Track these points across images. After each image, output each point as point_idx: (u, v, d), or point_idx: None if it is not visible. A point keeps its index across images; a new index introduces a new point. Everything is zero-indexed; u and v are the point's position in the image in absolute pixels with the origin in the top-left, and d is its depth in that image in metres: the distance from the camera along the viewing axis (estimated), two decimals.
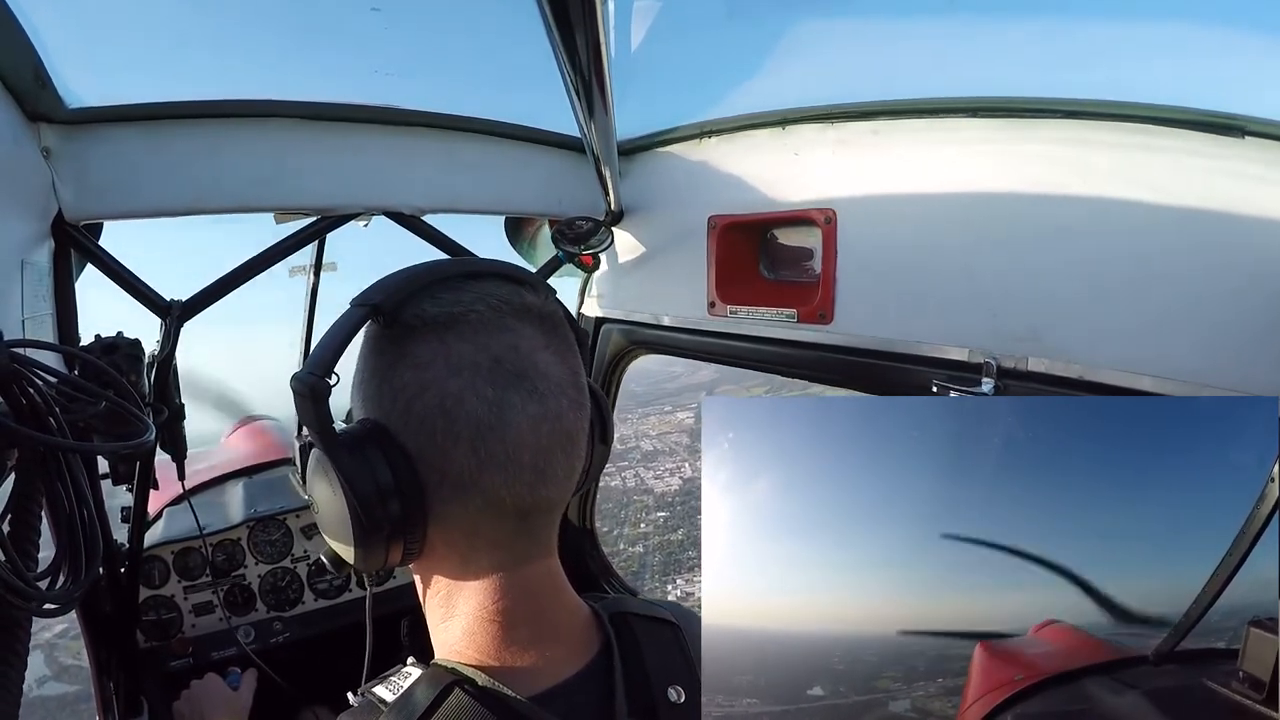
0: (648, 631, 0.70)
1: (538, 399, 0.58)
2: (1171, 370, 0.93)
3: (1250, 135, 0.86)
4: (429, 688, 0.59)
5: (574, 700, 0.62)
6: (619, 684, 0.64)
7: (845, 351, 1.32)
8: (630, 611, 0.71)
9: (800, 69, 1.38)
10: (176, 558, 1.92)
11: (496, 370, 0.57)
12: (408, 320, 0.59)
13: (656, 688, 0.65)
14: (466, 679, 0.60)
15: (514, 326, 0.59)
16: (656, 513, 26.31)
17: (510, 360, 0.58)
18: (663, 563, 23.37)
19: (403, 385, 0.58)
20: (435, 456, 0.58)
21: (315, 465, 0.61)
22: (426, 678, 0.61)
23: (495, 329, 0.59)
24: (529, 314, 0.61)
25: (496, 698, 0.59)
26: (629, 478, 28.50)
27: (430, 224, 1.64)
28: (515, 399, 0.57)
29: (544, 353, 0.60)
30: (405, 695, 0.60)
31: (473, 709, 0.58)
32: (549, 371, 0.60)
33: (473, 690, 0.59)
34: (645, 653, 0.67)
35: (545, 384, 0.59)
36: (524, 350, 0.59)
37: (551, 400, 0.59)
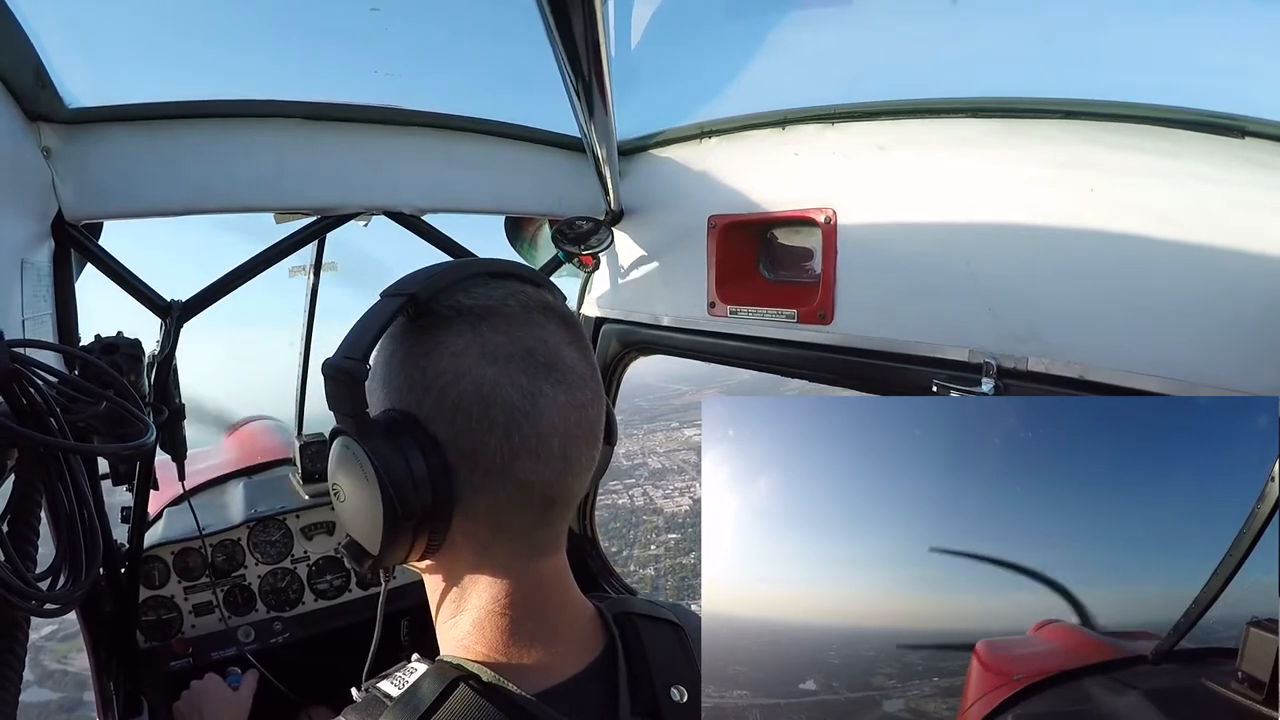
0: (651, 632, 0.70)
1: (566, 389, 0.60)
2: (1171, 370, 0.93)
3: (1250, 135, 0.86)
4: (435, 682, 0.59)
5: (579, 698, 0.63)
6: (623, 684, 0.65)
7: (845, 351, 1.32)
8: (634, 612, 0.71)
9: (800, 69, 1.38)
10: (176, 558, 1.92)
11: (529, 360, 0.59)
12: (441, 311, 0.60)
13: (660, 688, 0.66)
14: (472, 675, 0.60)
15: (541, 322, 0.61)
16: (667, 534, 25.98)
17: (541, 352, 0.60)
18: (675, 587, 23.13)
19: (437, 372, 0.58)
20: (468, 443, 0.58)
21: (343, 452, 0.60)
22: (432, 673, 0.61)
23: (525, 323, 0.61)
24: (552, 312, 0.63)
25: (502, 694, 0.59)
26: (636, 495, 28.04)
27: (430, 224, 1.64)
28: (547, 388, 0.59)
29: (568, 348, 0.62)
30: (411, 690, 0.60)
31: (478, 705, 0.58)
32: (574, 366, 0.62)
33: (478, 686, 0.59)
34: (649, 653, 0.68)
35: (572, 376, 0.61)
36: (552, 344, 0.61)
37: (578, 391, 0.61)
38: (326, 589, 2.06)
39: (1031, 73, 1.07)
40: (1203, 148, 0.90)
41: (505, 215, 1.91)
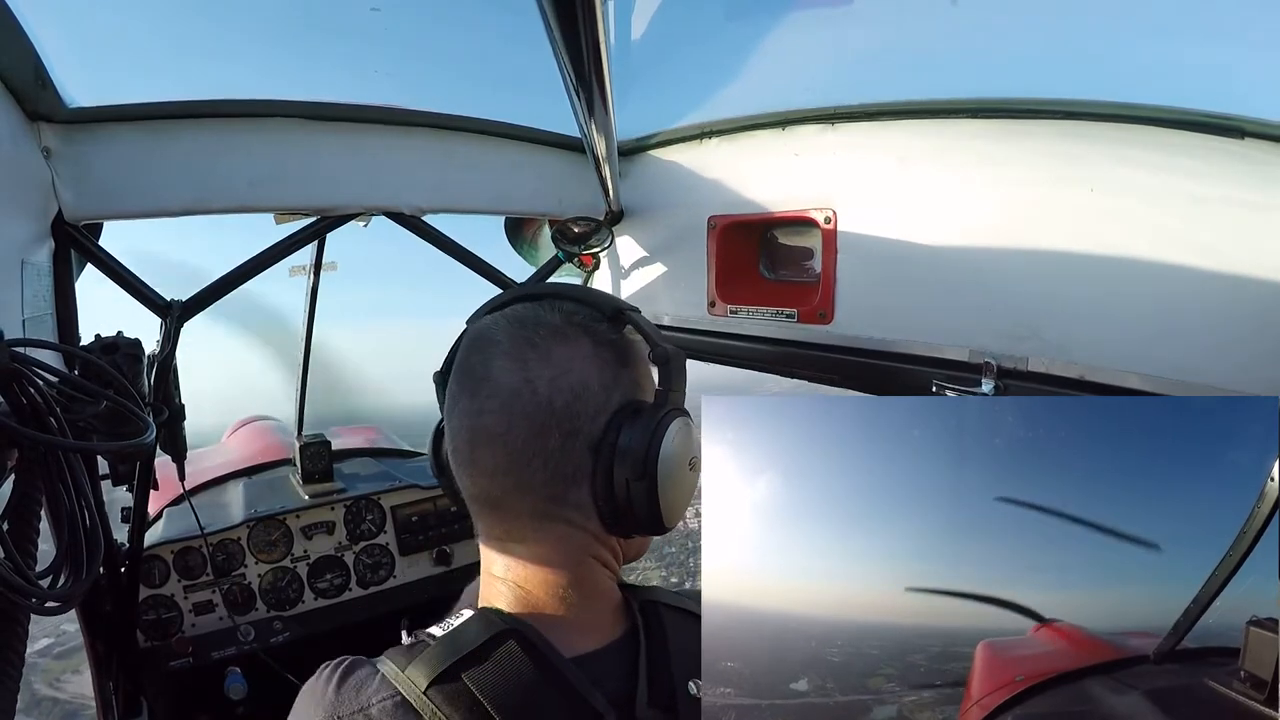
0: (675, 622, 0.71)
1: (470, 396, 0.67)
2: (1171, 370, 0.93)
3: (1250, 135, 0.86)
4: (481, 628, 0.64)
5: (597, 670, 0.64)
6: (642, 671, 0.66)
7: (845, 351, 1.32)
8: (660, 601, 0.73)
9: (800, 69, 1.38)
10: (176, 557, 1.91)
11: (468, 376, 0.67)
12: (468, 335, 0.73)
13: (678, 681, 0.66)
14: (519, 630, 0.63)
15: (498, 340, 0.67)
16: None
17: (477, 369, 0.67)
18: None
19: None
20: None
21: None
22: (478, 618, 0.65)
23: (489, 344, 0.68)
24: (523, 325, 0.67)
25: (540, 652, 0.63)
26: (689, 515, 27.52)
27: (430, 224, 1.64)
28: (464, 400, 0.67)
29: (501, 359, 0.66)
30: (456, 632, 0.64)
31: (522, 659, 0.61)
32: (499, 378, 0.65)
33: (521, 640, 0.63)
34: (671, 643, 0.68)
35: (486, 386, 0.66)
36: (489, 357, 0.67)
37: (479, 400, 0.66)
38: (326, 588, 2.06)
39: (1031, 73, 1.07)
40: (1202, 148, 0.90)
41: (505, 215, 1.91)
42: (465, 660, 0.60)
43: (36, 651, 10.62)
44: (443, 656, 0.61)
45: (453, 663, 0.60)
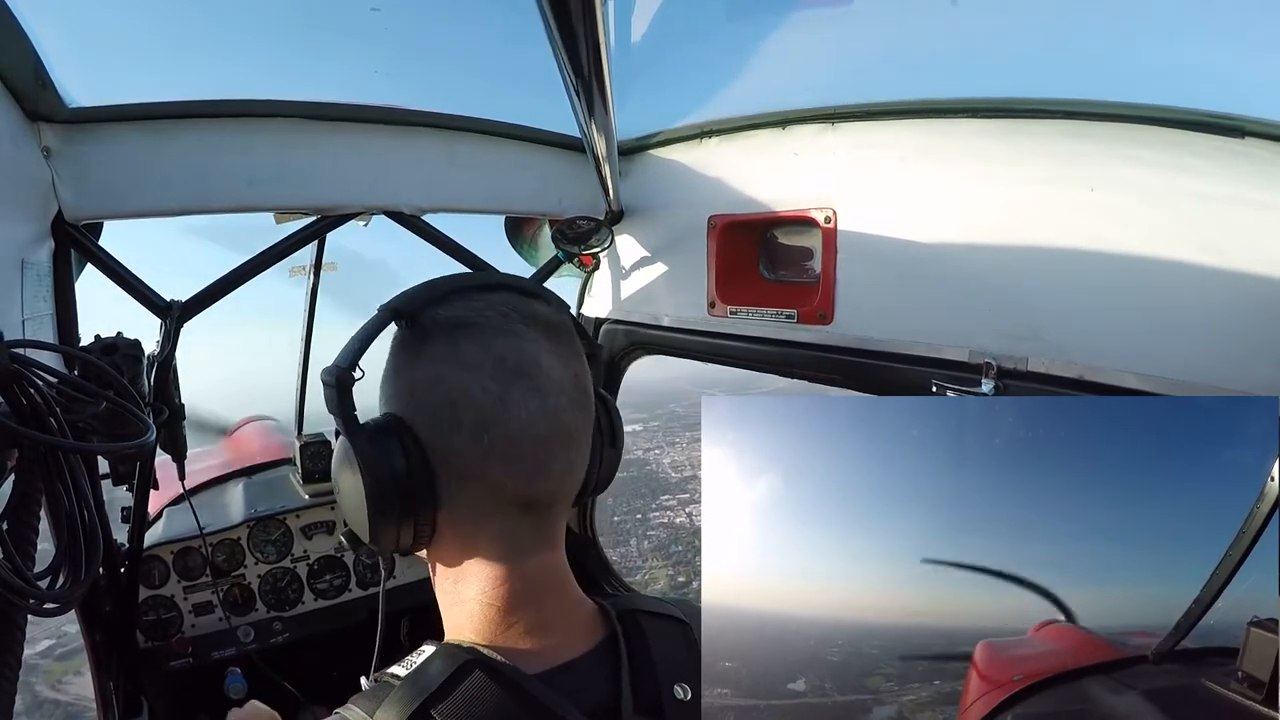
0: (656, 628, 0.70)
1: (538, 394, 0.63)
2: (1171, 370, 0.93)
3: (1250, 135, 0.86)
4: (445, 663, 0.62)
5: (575, 681, 0.64)
6: (625, 678, 0.65)
7: (845, 351, 1.32)
8: (639, 609, 0.72)
9: (800, 69, 1.38)
10: (176, 558, 1.92)
11: (500, 367, 0.62)
12: (424, 324, 0.65)
13: (664, 684, 0.66)
14: (481, 658, 0.62)
15: (519, 331, 0.64)
16: None
17: (514, 360, 0.63)
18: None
19: (418, 380, 0.64)
20: (441, 444, 0.63)
21: (340, 450, 0.67)
22: (441, 653, 0.63)
23: (502, 332, 0.64)
24: (536, 321, 0.66)
25: (505, 676, 0.61)
26: (696, 514, 26.47)
27: (430, 224, 1.64)
28: (517, 393, 0.62)
29: (547, 355, 0.64)
30: (419, 670, 0.62)
31: (487, 687, 0.60)
32: (550, 372, 0.64)
33: (485, 669, 0.61)
34: (653, 649, 0.68)
35: (546, 382, 0.63)
36: (528, 352, 0.64)
37: (551, 397, 0.64)
38: (326, 589, 2.06)
39: (1031, 73, 1.07)
40: (1203, 148, 0.90)
41: (505, 215, 1.91)
42: (433, 698, 0.59)
43: (38, 653, 10.39)
44: (410, 697, 0.59)
45: (421, 702, 0.59)
